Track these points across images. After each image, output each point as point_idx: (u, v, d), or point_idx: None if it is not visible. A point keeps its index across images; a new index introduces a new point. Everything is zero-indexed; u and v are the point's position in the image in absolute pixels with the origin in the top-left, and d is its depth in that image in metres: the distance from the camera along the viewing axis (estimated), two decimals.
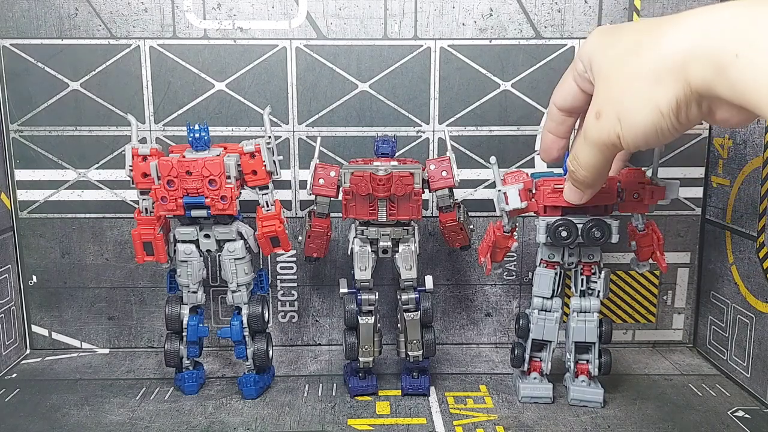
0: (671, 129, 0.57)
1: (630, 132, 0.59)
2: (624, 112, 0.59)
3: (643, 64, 0.56)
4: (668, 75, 0.54)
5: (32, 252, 1.01)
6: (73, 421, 0.82)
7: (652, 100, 0.56)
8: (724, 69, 0.49)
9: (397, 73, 0.97)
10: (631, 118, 0.58)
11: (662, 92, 0.55)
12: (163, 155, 0.83)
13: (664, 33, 0.55)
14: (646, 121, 0.57)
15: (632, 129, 0.59)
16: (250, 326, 0.87)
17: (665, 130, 0.57)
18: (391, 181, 0.79)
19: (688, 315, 1.05)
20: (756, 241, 0.89)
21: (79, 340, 1.04)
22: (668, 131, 0.57)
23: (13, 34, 0.94)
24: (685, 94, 0.54)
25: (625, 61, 0.59)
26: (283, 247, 0.86)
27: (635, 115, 0.58)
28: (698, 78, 0.52)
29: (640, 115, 0.57)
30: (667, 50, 0.54)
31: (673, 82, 0.54)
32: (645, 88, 0.56)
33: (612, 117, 0.60)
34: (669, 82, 0.54)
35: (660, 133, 0.57)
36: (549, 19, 0.95)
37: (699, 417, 0.83)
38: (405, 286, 0.85)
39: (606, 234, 0.80)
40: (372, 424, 0.81)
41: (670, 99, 0.55)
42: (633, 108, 0.58)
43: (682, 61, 0.53)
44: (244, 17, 0.94)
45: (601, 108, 0.62)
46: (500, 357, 1.01)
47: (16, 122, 0.97)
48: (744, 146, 0.92)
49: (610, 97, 0.61)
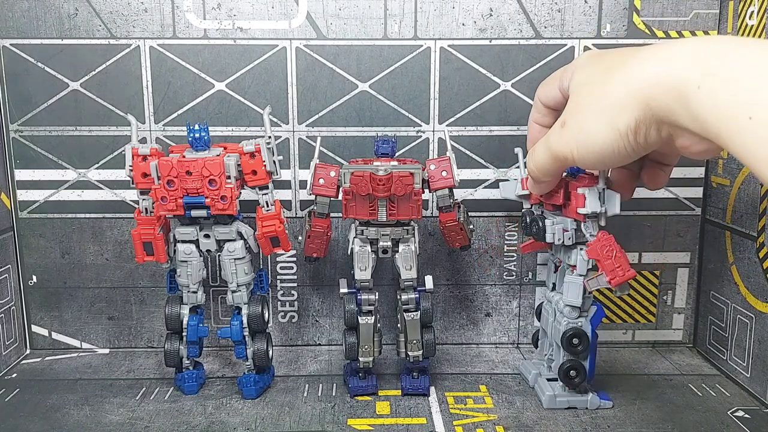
0: (628, 149, 0.59)
1: (585, 147, 0.62)
2: (585, 126, 0.62)
3: (611, 86, 0.59)
4: (632, 99, 0.56)
5: (32, 252, 1.01)
6: (73, 421, 0.82)
7: (612, 118, 0.58)
8: (686, 99, 0.51)
9: (397, 73, 0.97)
10: (591, 133, 0.61)
11: (622, 113, 0.57)
12: (163, 155, 0.83)
13: (635, 60, 0.57)
14: (604, 138, 0.59)
15: (589, 144, 0.61)
16: (250, 326, 0.87)
17: (621, 149, 0.59)
18: (391, 181, 0.79)
19: (688, 315, 1.05)
20: (756, 241, 0.89)
21: (79, 340, 1.04)
22: (624, 151, 0.59)
23: (13, 34, 0.94)
24: (645, 117, 0.56)
25: (597, 80, 0.62)
26: (283, 247, 0.86)
27: (594, 132, 0.60)
28: (660, 105, 0.54)
29: (600, 133, 0.60)
30: (634, 76, 0.56)
31: (635, 106, 0.56)
32: (608, 107, 0.59)
33: (574, 129, 0.63)
34: (631, 104, 0.56)
35: (615, 151, 0.59)
36: (549, 19, 0.95)
37: (699, 417, 0.83)
38: (405, 286, 0.85)
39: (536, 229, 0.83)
40: (372, 424, 0.81)
41: (629, 120, 0.57)
42: (594, 124, 0.60)
43: (646, 88, 0.55)
44: (244, 17, 0.94)
45: (567, 119, 0.65)
46: (500, 357, 1.01)
47: (16, 122, 0.97)
48: None
49: (577, 111, 0.64)
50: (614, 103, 0.58)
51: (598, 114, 0.60)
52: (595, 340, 0.82)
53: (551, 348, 0.87)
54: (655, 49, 0.56)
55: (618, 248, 0.77)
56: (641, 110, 0.56)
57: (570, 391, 0.84)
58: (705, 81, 0.49)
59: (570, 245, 0.81)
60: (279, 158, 0.85)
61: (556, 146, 0.66)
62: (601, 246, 0.78)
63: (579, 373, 0.82)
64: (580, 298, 0.81)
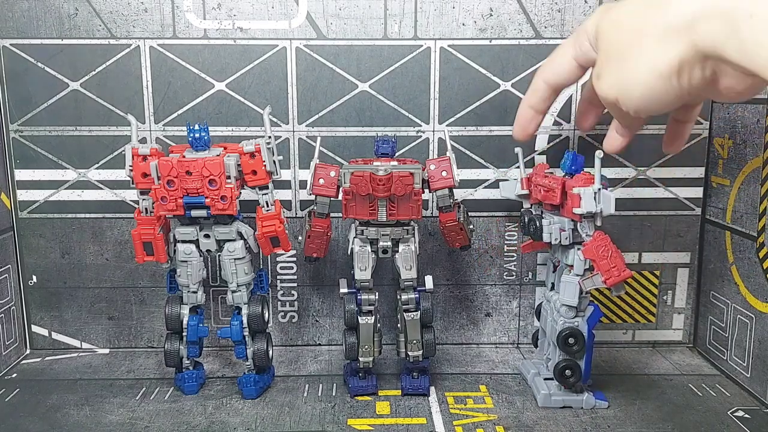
0: (671, 92, 0.54)
1: (627, 96, 0.57)
2: (622, 71, 0.56)
3: (648, 22, 0.53)
4: (674, 33, 0.51)
5: (32, 252, 1.01)
6: (73, 421, 0.82)
7: (652, 59, 0.53)
8: (736, 28, 0.47)
9: (397, 73, 0.97)
10: (629, 78, 0.56)
11: (664, 51, 0.52)
12: (163, 155, 0.83)
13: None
14: (643, 84, 0.54)
15: (629, 93, 0.56)
16: (250, 326, 0.87)
17: (664, 93, 0.54)
18: (391, 181, 0.79)
19: (688, 315, 1.05)
20: (756, 241, 0.89)
21: (79, 340, 1.04)
22: (667, 94, 0.54)
23: (13, 34, 0.94)
24: (690, 55, 0.51)
25: (629, 21, 0.56)
26: (283, 247, 0.86)
27: (633, 75, 0.55)
28: (707, 37, 0.49)
29: (638, 78, 0.55)
30: (676, 8, 0.51)
31: (678, 42, 0.51)
32: (646, 46, 0.53)
33: (610, 79, 0.58)
34: (673, 40, 0.51)
35: (659, 95, 0.54)
36: (549, 19, 0.95)
37: (699, 417, 0.83)
38: (405, 286, 0.85)
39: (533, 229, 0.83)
40: (372, 424, 0.81)
41: (671, 59, 0.52)
42: (631, 68, 0.55)
43: (691, 19, 0.50)
44: (244, 17, 0.94)
45: (601, 70, 0.59)
46: (500, 357, 1.01)
47: (16, 122, 0.97)
48: (744, 146, 0.91)
49: (609, 58, 0.58)
50: (654, 42, 0.52)
51: (636, 55, 0.54)
52: (591, 340, 0.82)
53: (550, 347, 0.87)
54: None
55: (614, 248, 0.77)
56: (685, 47, 0.51)
57: (565, 391, 0.84)
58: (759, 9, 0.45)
59: (567, 245, 0.81)
60: (279, 158, 0.85)
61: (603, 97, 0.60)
62: (597, 246, 0.78)
63: (574, 373, 0.82)
64: (577, 298, 0.81)
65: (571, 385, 0.83)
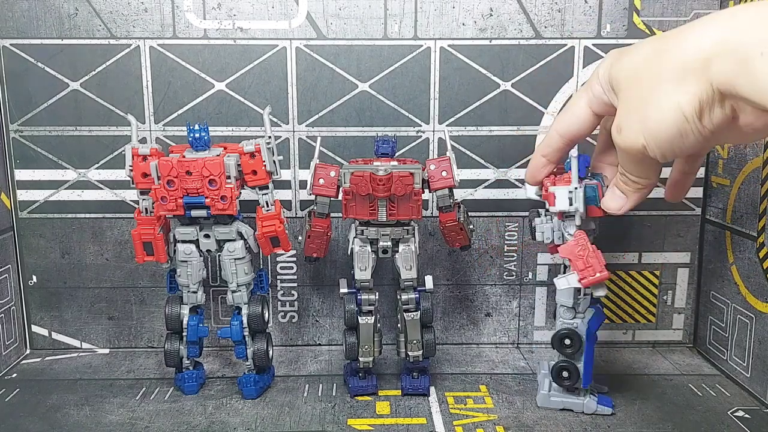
0: (696, 134, 0.55)
1: (654, 140, 0.57)
2: (646, 120, 0.57)
3: (664, 68, 0.55)
4: (690, 74, 0.52)
5: (32, 252, 1.01)
6: (73, 421, 0.82)
7: (674, 103, 0.54)
8: (748, 66, 0.48)
9: (397, 73, 0.97)
10: (654, 125, 0.56)
11: (684, 93, 0.53)
12: (163, 155, 0.83)
13: (685, 37, 0.54)
14: (669, 126, 0.55)
15: (656, 136, 0.57)
16: (250, 326, 0.87)
17: (690, 135, 0.55)
18: (391, 181, 0.79)
19: (688, 315, 1.05)
20: (756, 241, 0.89)
21: (79, 340, 1.04)
22: (693, 136, 0.55)
23: (13, 34, 0.94)
24: (708, 95, 0.52)
25: (644, 68, 0.57)
26: (283, 247, 0.86)
27: (658, 122, 0.56)
28: (721, 75, 0.51)
29: (663, 121, 0.55)
30: (689, 50, 0.53)
31: (696, 82, 0.52)
32: (666, 91, 0.54)
33: (634, 128, 0.59)
34: (691, 81, 0.52)
35: (685, 138, 0.55)
36: (549, 19, 0.95)
37: (699, 417, 0.83)
38: (405, 286, 0.85)
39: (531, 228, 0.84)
40: (372, 424, 0.81)
41: (692, 100, 0.53)
42: (655, 115, 0.56)
43: (704, 59, 0.51)
44: (244, 17, 0.94)
45: (622, 121, 0.60)
46: (500, 357, 1.01)
47: (16, 122, 0.97)
48: (744, 146, 0.91)
49: (630, 108, 0.59)
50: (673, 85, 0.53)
51: (656, 101, 0.55)
52: (592, 343, 0.82)
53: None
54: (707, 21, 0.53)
55: (592, 249, 0.76)
56: (703, 87, 0.52)
57: (565, 393, 0.84)
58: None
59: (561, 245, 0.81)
60: (279, 158, 0.85)
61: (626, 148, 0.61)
62: (574, 245, 0.77)
63: (571, 375, 0.82)
64: (571, 299, 0.81)
65: (568, 387, 0.83)
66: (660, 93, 0.55)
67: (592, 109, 0.70)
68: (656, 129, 0.56)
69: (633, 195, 0.70)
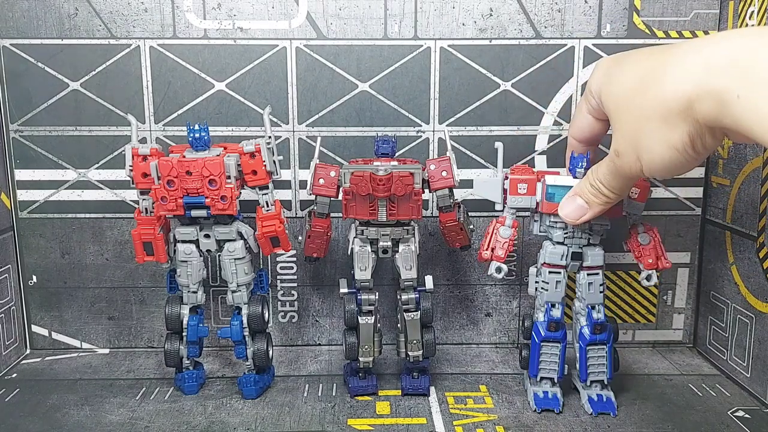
0: (690, 160, 0.58)
1: (651, 167, 0.61)
2: (641, 151, 0.61)
3: (650, 106, 0.57)
4: (676, 116, 0.55)
5: (32, 252, 1.01)
6: (73, 421, 0.82)
7: (664, 139, 0.57)
8: (728, 106, 0.50)
9: (397, 73, 0.97)
10: (649, 156, 0.60)
11: (673, 132, 0.56)
12: (163, 155, 0.83)
13: (665, 72, 0.56)
14: (663, 158, 0.59)
15: (652, 165, 0.61)
16: (250, 326, 0.87)
17: (685, 162, 0.59)
18: (391, 181, 0.79)
19: (688, 315, 1.05)
20: (756, 241, 0.89)
21: (79, 340, 1.04)
22: (688, 162, 0.59)
23: (13, 34, 0.94)
24: (697, 129, 0.55)
25: (632, 100, 0.60)
26: (283, 247, 0.86)
27: (652, 154, 0.59)
28: (705, 115, 0.53)
29: (657, 154, 0.59)
30: (670, 92, 0.55)
31: (682, 122, 0.55)
32: (656, 129, 0.57)
33: (631, 155, 0.62)
34: (678, 122, 0.55)
35: (680, 165, 0.59)
36: (549, 19, 0.95)
37: (699, 417, 0.83)
38: (405, 286, 0.85)
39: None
40: (372, 424, 0.81)
41: (682, 136, 0.56)
42: (649, 148, 0.59)
43: (686, 102, 0.54)
44: (244, 17, 0.94)
45: (619, 147, 0.64)
46: (500, 357, 1.01)
47: (16, 122, 0.97)
48: (744, 146, 0.92)
49: (624, 137, 0.63)
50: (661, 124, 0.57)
51: (648, 136, 0.59)
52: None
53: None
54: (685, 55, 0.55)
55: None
56: (690, 124, 0.55)
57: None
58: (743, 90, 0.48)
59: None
60: (279, 158, 0.85)
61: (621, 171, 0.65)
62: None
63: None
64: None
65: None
66: (650, 127, 0.58)
67: (594, 117, 0.74)
68: (651, 160, 0.60)
69: (597, 207, 0.73)
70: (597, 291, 0.82)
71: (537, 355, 0.84)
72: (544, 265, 0.83)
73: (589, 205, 0.73)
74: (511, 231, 0.83)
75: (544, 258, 0.82)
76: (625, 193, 0.72)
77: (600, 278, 0.82)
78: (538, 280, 0.84)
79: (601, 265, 0.83)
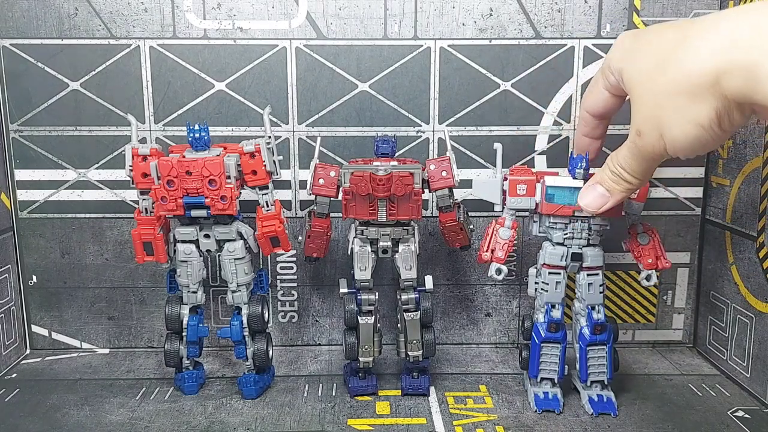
0: (716, 138, 0.56)
1: (674, 146, 0.59)
2: (664, 129, 0.58)
3: (674, 82, 0.55)
4: (703, 91, 0.53)
5: (32, 252, 1.01)
6: (73, 421, 0.82)
7: (690, 116, 0.55)
8: (758, 80, 0.49)
9: (397, 73, 0.97)
10: (673, 134, 0.58)
11: (700, 108, 0.54)
12: (163, 155, 0.83)
13: (689, 46, 0.54)
14: (688, 135, 0.56)
15: (676, 144, 0.58)
16: (250, 326, 0.87)
17: (710, 139, 0.56)
18: (391, 181, 0.79)
19: (688, 315, 1.05)
20: (756, 241, 0.89)
21: (79, 340, 1.04)
22: (713, 140, 0.57)
23: (13, 34, 0.94)
24: (724, 105, 0.53)
25: (655, 78, 0.58)
26: (283, 247, 0.86)
27: (676, 132, 0.57)
28: (733, 90, 0.51)
29: (682, 132, 0.57)
30: (696, 66, 0.53)
31: (710, 97, 0.53)
32: (680, 106, 0.55)
33: (654, 134, 0.60)
34: (705, 97, 0.53)
35: (705, 143, 0.57)
36: (549, 19, 0.95)
37: (699, 417, 0.83)
38: (405, 286, 0.85)
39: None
40: (372, 424, 0.81)
41: (709, 112, 0.54)
42: (673, 126, 0.57)
43: (714, 76, 0.52)
44: (244, 17, 0.94)
45: (641, 127, 0.61)
46: (500, 357, 1.01)
47: (16, 122, 0.97)
48: (744, 146, 0.91)
49: (646, 116, 0.60)
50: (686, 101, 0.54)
51: (672, 114, 0.57)
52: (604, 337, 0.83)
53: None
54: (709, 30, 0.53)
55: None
56: (717, 100, 0.53)
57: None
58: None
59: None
60: (279, 158, 0.86)
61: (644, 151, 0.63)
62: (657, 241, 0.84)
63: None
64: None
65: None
66: (675, 104, 0.56)
67: (610, 92, 0.71)
68: (675, 138, 0.58)
69: (618, 195, 0.70)
70: (597, 291, 0.82)
71: (537, 356, 0.84)
72: (543, 266, 0.83)
73: (610, 193, 0.70)
74: (510, 232, 0.83)
75: (544, 259, 0.83)
76: (647, 177, 0.68)
77: (600, 278, 0.83)
78: (537, 281, 0.84)
79: (601, 266, 0.83)
